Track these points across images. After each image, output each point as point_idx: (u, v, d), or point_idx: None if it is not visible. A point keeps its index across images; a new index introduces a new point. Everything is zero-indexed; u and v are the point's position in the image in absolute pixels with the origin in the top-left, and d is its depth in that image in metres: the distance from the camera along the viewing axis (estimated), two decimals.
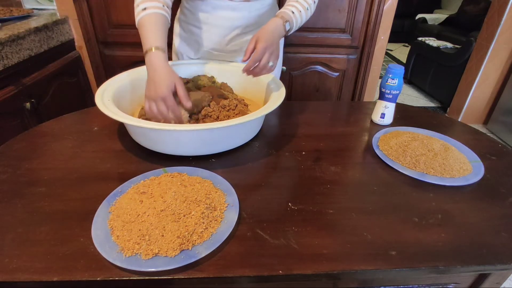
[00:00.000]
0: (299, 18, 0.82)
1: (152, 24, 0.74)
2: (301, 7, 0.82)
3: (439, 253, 0.50)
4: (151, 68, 0.71)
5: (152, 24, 0.74)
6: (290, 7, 0.82)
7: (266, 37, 0.74)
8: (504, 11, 2.10)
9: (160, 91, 0.68)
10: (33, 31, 1.31)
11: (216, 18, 0.93)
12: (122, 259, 0.46)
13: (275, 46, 0.76)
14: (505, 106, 2.31)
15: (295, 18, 0.81)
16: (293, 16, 0.80)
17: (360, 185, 0.66)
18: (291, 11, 0.81)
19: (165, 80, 0.69)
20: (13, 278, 0.45)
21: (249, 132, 0.78)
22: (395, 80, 0.82)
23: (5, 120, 1.18)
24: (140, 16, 0.75)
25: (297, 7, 0.82)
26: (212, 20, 0.93)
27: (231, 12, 0.91)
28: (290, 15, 0.80)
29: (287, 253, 0.49)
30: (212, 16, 0.92)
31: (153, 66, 0.70)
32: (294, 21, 0.81)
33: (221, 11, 0.91)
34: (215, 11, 0.91)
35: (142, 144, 0.74)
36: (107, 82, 0.81)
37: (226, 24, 0.93)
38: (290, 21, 0.80)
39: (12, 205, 0.57)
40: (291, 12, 0.81)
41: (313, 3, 0.85)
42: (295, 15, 0.81)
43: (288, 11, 0.80)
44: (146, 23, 0.74)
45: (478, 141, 0.83)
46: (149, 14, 0.74)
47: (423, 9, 4.78)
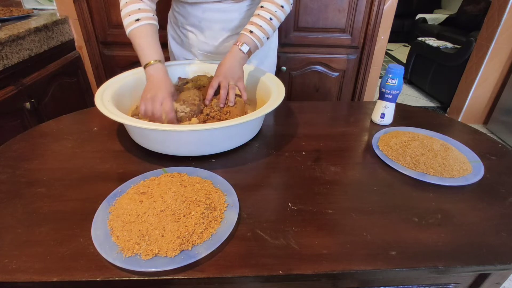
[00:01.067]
0: (260, 33, 0.81)
1: (148, 36, 0.77)
2: (261, 21, 0.81)
3: (439, 253, 0.50)
4: (153, 81, 0.75)
5: (148, 37, 0.77)
6: (249, 26, 0.82)
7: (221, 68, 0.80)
8: (504, 11, 2.10)
9: (160, 94, 0.72)
10: (33, 31, 1.31)
11: (207, 21, 0.93)
12: (122, 259, 0.46)
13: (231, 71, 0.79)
14: (505, 106, 2.31)
15: (255, 36, 0.81)
16: (251, 35, 0.80)
17: (360, 185, 0.66)
18: (249, 31, 0.81)
19: (166, 87, 0.74)
20: (13, 278, 0.45)
21: (249, 132, 0.78)
22: (395, 80, 0.82)
23: (5, 120, 1.18)
24: (133, 27, 0.77)
25: (256, 23, 0.81)
26: (204, 23, 0.94)
27: (222, 14, 0.91)
28: (246, 37, 0.81)
29: (287, 253, 0.49)
30: (203, 19, 0.93)
31: (155, 77, 0.75)
32: (254, 39, 0.81)
33: (211, 14, 0.91)
34: (206, 14, 0.91)
35: (141, 144, 0.74)
36: (107, 82, 0.82)
37: (217, 26, 0.94)
38: (248, 42, 0.80)
39: (11, 205, 0.57)
40: (249, 32, 0.81)
41: (278, 8, 0.83)
42: (254, 34, 0.81)
43: (245, 33, 0.81)
44: (142, 35, 0.77)
45: (478, 141, 0.83)
46: (142, 26, 0.77)
47: (423, 9, 4.78)
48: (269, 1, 0.83)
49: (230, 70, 0.79)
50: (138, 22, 0.77)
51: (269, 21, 0.82)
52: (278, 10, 0.83)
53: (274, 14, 0.82)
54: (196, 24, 0.95)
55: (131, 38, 0.78)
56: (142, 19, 0.77)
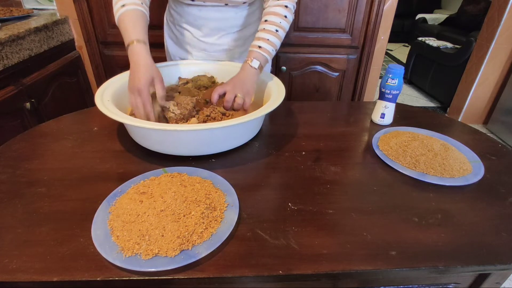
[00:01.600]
0: (270, 47, 0.82)
1: (132, 19, 0.76)
2: (268, 35, 0.82)
3: (439, 253, 0.50)
4: (133, 61, 0.72)
5: (132, 20, 0.76)
6: (257, 41, 0.82)
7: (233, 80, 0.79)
8: (504, 11, 2.10)
9: (137, 83, 0.70)
10: (33, 31, 1.31)
11: (204, 19, 0.94)
12: (122, 259, 0.46)
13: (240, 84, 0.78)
14: (505, 106, 2.31)
15: (264, 50, 0.81)
16: (260, 50, 0.81)
17: (360, 185, 0.66)
18: (257, 47, 0.81)
19: (144, 73, 0.71)
20: (13, 278, 0.45)
21: (249, 132, 0.78)
22: (395, 80, 0.82)
23: (5, 120, 1.18)
24: (119, 12, 0.76)
25: (263, 38, 0.81)
26: (200, 21, 0.94)
27: (218, 13, 0.92)
28: (256, 53, 0.81)
29: (287, 253, 0.49)
30: (199, 17, 0.93)
31: (135, 58, 0.72)
32: (264, 54, 0.81)
33: (208, 13, 0.92)
34: (202, 12, 0.92)
35: (142, 144, 0.74)
36: (107, 82, 0.82)
37: (213, 24, 0.94)
38: (258, 57, 0.80)
39: (12, 205, 0.57)
40: (258, 47, 0.81)
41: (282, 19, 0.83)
42: (262, 48, 0.81)
43: (254, 49, 0.81)
44: (126, 18, 0.76)
45: (478, 141, 0.83)
46: (128, 10, 0.76)
47: (423, 9, 4.78)
48: (272, 14, 0.83)
49: (240, 83, 0.79)
50: (123, 7, 0.76)
51: (275, 33, 0.83)
52: (282, 21, 0.83)
53: (279, 26, 0.83)
54: (192, 22, 0.95)
55: (118, 25, 0.77)
56: (127, 5, 0.76)
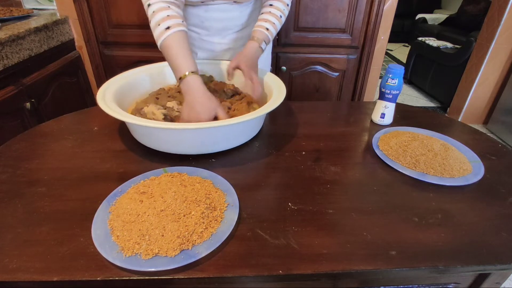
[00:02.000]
0: (274, 30, 0.87)
1: (180, 45, 0.73)
2: (274, 19, 0.87)
3: (439, 253, 0.50)
4: (190, 94, 0.70)
5: (180, 46, 0.73)
6: (264, 22, 0.86)
7: (247, 62, 0.83)
8: (504, 11, 2.10)
9: (202, 119, 0.69)
10: (33, 31, 1.31)
11: (210, 20, 0.94)
12: (122, 259, 0.46)
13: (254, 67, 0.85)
14: (505, 106, 2.31)
15: (270, 33, 0.86)
16: (267, 33, 0.86)
17: (360, 185, 0.66)
18: (265, 28, 0.85)
19: (208, 108, 0.69)
20: (13, 278, 0.45)
21: (250, 131, 0.78)
22: (395, 80, 0.82)
23: (5, 120, 1.18)
24: (164, 36, 0.72)
25: (270, 21, 0.86)
26: (206, 22, 0.95)
27: (223, 13, 0.93)
28: (265, 34, 0.86)
29: (287, 253, 0.49)
30: (205, 19, 0.94)
31: (192, 91, 0.70)
32: (270, 36, 0.87)
33: (214, 13, 0.93)
34: (208, 13, 0.93)
35: (143, 143, 0.74)
36: (108, 81, 0.82)
37: (219, 25, 0.96)
38: (266, 40, 0.86)
39: (12, 205, 0.57)
40: (265, 29, 0.85)
41: (285, 7, 0.89)
42: (270, 31, 0.86)
43: (262, 30, 0.85)
44: (174, 44, 0.72)
45: (478, 141, 0.83)
46: (174, 34, 0.72)
47: (423, 9, 4.78)
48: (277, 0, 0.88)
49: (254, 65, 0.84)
50: (168, 30, 0.72)
51: (279, 18, 0.87)
52: (286, 9, 0.89)
53: (282, 12, 0.88)
54: (198, 24, 0.96)
55: (163, 49, 0.74)
56: (172, 27, 0.72)
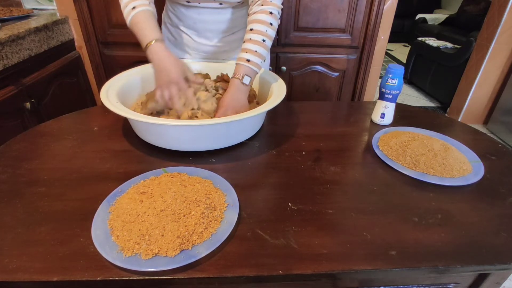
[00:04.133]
0: (257, 58, 0.79)
1: (145, 20, 0.78)
2: (255, 46, 0.79)
3: (439, 253, 0.50)
4: (157, 59, 0.75)
5: (145, 21, 0.78)
6: (244, 54, 0.79)
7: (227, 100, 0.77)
8: (504, 11, 2.10)
9: (174, 77, 0.74)
10: (33, 31, 1.31)
11: (203, 23, 0.94)
12: (122, 259, 0.46)
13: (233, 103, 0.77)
14: (505, 106, 2.31)
15: (254, 64, 0.79)
16: (249, 64, 0.78)
17: (360, 185, 0.66)
18: (245, 60, 0.78)
19: (176, 66, 0.75)
20: (13, 278, 0.45)
21: (250, 129, 0.79)
22: (395, 80, 0.82)
23: (5, 120, 1.18)
24: (131, 15, 0.78)
25: (251, 50, 0.79)
26: (199, 24, 0.95)
27: (216, 15, 0.92)
28: (245, 67, 0.78)
29: (287, 253, 0.49)
30: (198, 20, 0.94)
31: (159, 56, 0.75)
32: (253, 67, 0.79)
33: (206, 16, 0.92)
34: (201, 16, 0.92)
35: (145, 139, 0.75)
36: (110, 81, 0.82)
37: (212, 27, 0.95)
38: (249, 73, 0.79)
39: (12, 205, 0.57)
40: (246, 61, 0.78)
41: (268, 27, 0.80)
42: (251, 62, 0.78)
43: (242, 63, 0.78)
44: (139, 20, 0.78)
45: (478, 141, 0.83)
46: (140, 12, 0.78)
47: (423, 9, 4.78)
48: (257, 22, 0.80)
49: (234, 102, 0.78)
50: (134, 10, 0.78)
51: (262, 43, 0.80)
52: (268, 29, 0.81)
53: (265, 34, 0.80)
54: (191, 26, 0.96)
55: (131, 28, 0.80)
56: (137, 7, 0.78)
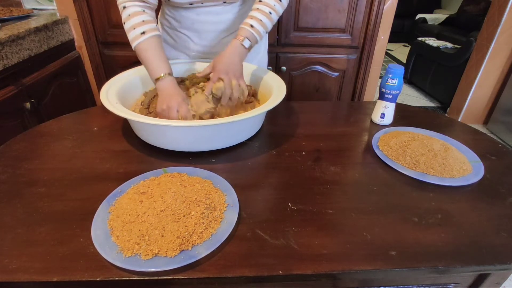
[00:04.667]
0: (261, 27, 0.81)
1: (155, 50, 0.79)
2: (261, 15, 0.80)
3: (439, 253, 0.50)
4: (164, 92, 0.77)
5: (155, 50, 0.79)
6: (249, 19, 0.81)
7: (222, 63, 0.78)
8: (504, 11, 2.10)
9: (175, 101, 0.75)
10: (33, 31, 1.31)
11: (201, 24, 0.94)
12: (122, 259, 0.46)
13: (232, 68, 0.78)
14: (505, 106, 2.31)
15: (256, 31, 0.80)
16: (252, 30, 0.80)
17: (360, 185, 0.66)
18: (249, 26, 0.80)
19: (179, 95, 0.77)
20: (13, 278, 0.45)
21: (250, 129, 0.79)
22: (395, 80, 0.82)
23: (5, 120, 1.18)
24: (139, 40, 0.78)
25: (256, 18, 0.80)
26: (198, 25, 0.94)
27: (215, 16, 0.92)
28: (249, 32, 0.80)
29: (287, 253, 0.49)
30: (197, 22, 0.93)
31: (167, 90, 0.77)
32: (256, 34, 0.80)
33: (205, 16, 0.92)
34: (199, 16, 0.92)
35: (144, 139, 0.75)
36: (110, 81, 0.82)
37: (211, 28, 0.95)
38: (250, 37, 0.80)
39: (11, 205, 0.57)
40: (250, 26, 0.80)
41: (277, 2, 0.82)
42: (255, 28, 0.80)
43: (246, 27, 0.80)
44: (150, 48, 0.79)
45: (478, 141, 0.83)
46: (149, 38, 0.78)
47: (423, 9, 4.78)
48: None
49: (232, 66, 0.77)
50: (143, 35, 0.78)
51: (268, 15, 0.81)
52: (277, 4, 0.82)
53: (273, 8, 0.82)
54: (190, 27, 0.95)
55: (137, 51, 0.80)
56: (147, 32, 0.78)
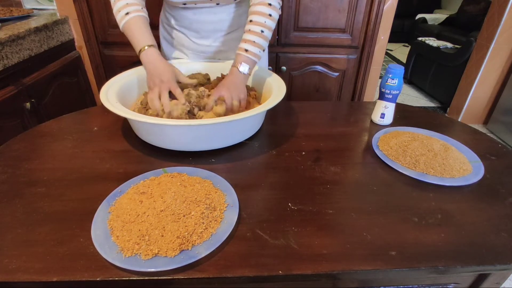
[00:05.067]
0: (255, 49, 0.81)
1: (138, 26, 0.81)
2: (254, 37, 0.81)
3: (439, 253, 0.50)
4: (150, 64, 0.78)
5: (138, 26, 0.81)
6: (243, 44, 0.81)
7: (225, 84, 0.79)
8: (504, 11, 2.10)
9: (165, 79, 0.76)
10: (33, 31, 1.31)
11: (199, 23, 0.95)
12: (122, 259, 0.46)
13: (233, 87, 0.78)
14: (505, 106, 2.31)
15: (251, 53, 0.81)
16: (247, 54, 0.80)
17: (360, 185, 0.66)
18: (244, 50, 0.80)
19: (168, 70, 0.78)
20: (12, 278, 0.45)
21: (250, 129, 0.79)
22: (395, 80, 0.82)
23: (5, 120, 1.18)
24: (124, 20, 0.81)
25: (249, 40, 0.81)
26: (195, 25, 0.96)
27: (212, 15, 0.93)
28: (243, 56, 0.80)
29: (287, 253, 0.49)
30: (194, 21, 0.95)
31: (152, 61, 0.78)
32: (251, 57, 0.81)
33: (202, 16, 0.93)
34: (196, 16, 0.94)
35: (144, 139, 0.75)
36: (110, 81, 0.82)
37: (209, 27, 0.96)
38: (247, 61, 0.80)
39: (11, 205, 0.57)
40: (244, 51, 0.80)
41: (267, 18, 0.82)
42: (249, 52, 0.80)
43: (240, 53, 0.81)
44: (132, 26, 0.81)
45: (478, 141, 0.83)
46: (133, 18, 0.81)
47: (423, 9, 4.78)
48: (256, 13, 0.82)
49: (233, 87, 0.78)
50: (127, 15, 0.80)
51: (261, 34, 0.81)
52: (267, 20, 0.82)
53: (264, 25, 0.82)
54: (188, 26, 0.97)
55: (124, 31, 0.83)
56: (131, 12, 0.81)
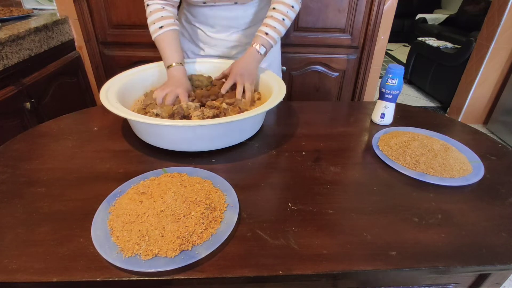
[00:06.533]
0: (275, 34, 0.87)
1: (170, 41, 0.87)
2: (275, 23, 0.86)
3: (439, 253, 0.50)
4: (174, 77, 0.84)
5: (171, 42, 0.87)
6: (264, 27, 0.87)
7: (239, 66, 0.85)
8: (504, 11, 2.10)
9: (180, 88, 0.80)
10: (33, 31, 1.31)
11: (214, 19, 0.98)
12: (122, 260, 0.46)
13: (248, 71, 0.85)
14: (505, 106, 2.31)
15: (271, 37, 0.87)
16: (267, 37, 0.86)
17: (360, 185, 0.66)
18: (264, 33, 0.86)
19: (185, 83, 0.84)
20: (12, 278, 0.45)
21: (249, 129, 0.78)
22: (395, 80, 0.82)
23: (5, 120, 1.18)
24: (157, 33, 0.87)
25: (270, 25, 0.86)
26: (211, 20, 0.99)
27: (228, 12, 0.96)
28: (263, 39, 0.86)
29: (287, 253, 0.49)
30: (210, 17, 0.98)
31: (176, 75, 0.85)
32: (270, 40, 0.87)
33: (219, 12, 0.96)
34: (213, 12, 0.97)
35: (144, 139, 0.75)
36: (109, 81, 0.82)
37: (224, 23, 0.99)
38: (265, 44, 0.87)
39: (11, 205, 0.57)
40: (265, 34, 0.86)
41: (289, 9, 0.87)
42: (269, 36, 0.86)
43: (261, 35, 0.86)
44: (165, 40, 0.87)
45: (478, 141, 0.83)
46: (166, 32, 0.87)
47: (423, 9, 4.78)
48: (280, 3, 0.87)
49: (248, 70, 0.84)
50: (161, 29, 0.86)
51: (281, 22, 0.87)
52: (290, 11, 0.87)
53: (285, 15, 0.87)
54: (204, 21, 1.00)
55: (156, 43, 0.88)
56: (165, 26, 0.86)
